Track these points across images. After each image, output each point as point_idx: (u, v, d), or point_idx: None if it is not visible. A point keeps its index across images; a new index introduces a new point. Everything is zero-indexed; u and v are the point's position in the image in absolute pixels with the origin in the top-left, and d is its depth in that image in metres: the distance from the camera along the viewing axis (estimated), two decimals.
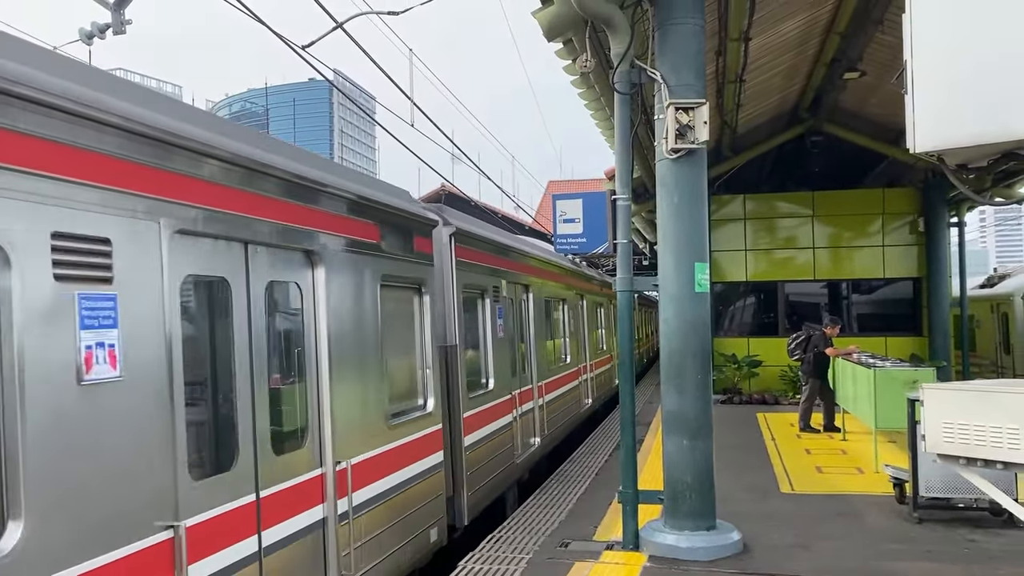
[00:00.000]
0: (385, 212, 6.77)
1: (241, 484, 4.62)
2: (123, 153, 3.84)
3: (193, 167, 4.31)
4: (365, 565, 5.95)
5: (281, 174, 5.13)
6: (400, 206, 7.15)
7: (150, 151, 4.00)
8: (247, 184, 4.78)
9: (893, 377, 10.54)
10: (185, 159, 4.25)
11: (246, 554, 4.59)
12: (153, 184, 4.02)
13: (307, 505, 5.30)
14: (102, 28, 9.56)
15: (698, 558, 7.12)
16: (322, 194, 5.68)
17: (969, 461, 4.66)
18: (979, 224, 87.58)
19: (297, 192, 5.33)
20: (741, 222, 20.06)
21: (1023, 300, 20.45)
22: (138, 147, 3.93)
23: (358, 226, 6.26)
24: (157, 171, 4.05)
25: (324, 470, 5.56)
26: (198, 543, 4.16)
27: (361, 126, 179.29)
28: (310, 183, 5.50)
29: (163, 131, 4.06)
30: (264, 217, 4.95)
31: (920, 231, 19.23)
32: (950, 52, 4.55)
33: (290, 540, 5.05)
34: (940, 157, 4.73)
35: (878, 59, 14.41)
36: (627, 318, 7.74)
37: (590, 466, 11.69)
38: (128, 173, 3.86)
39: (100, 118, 3.68)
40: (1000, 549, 7.34)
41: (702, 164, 7.50)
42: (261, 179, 4.92)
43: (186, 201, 4.24)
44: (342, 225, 5.99)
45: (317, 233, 5.57)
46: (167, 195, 4.10)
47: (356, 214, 6.24)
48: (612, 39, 7.65)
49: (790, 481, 10.37)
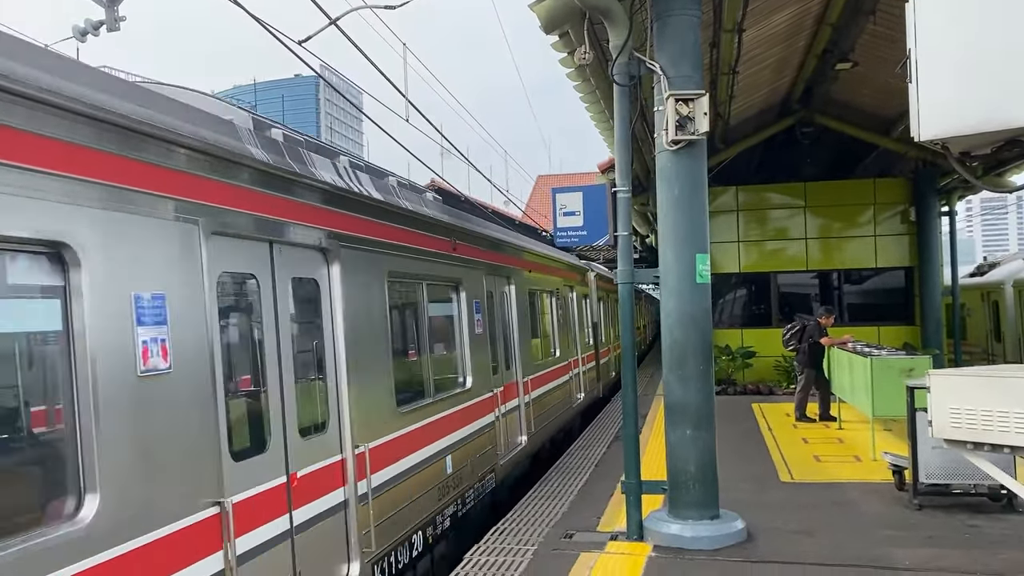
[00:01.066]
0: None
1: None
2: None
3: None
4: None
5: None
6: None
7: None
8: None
9: (890, 365, 10.62)
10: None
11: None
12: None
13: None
14: (96, 25, 9.52)
15: (703, 547, 7.16)
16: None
17: (976, 446, 4.71)
18: (966, 214, 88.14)
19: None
20: (733, 214, 20.14)
21: (1013, 288, 20.60)
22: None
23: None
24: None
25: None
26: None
27: (349, 122, 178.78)
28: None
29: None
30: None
31: (911, 220, 19.35)
32: (954, 40, 4.57)
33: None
34: (944, 145, 4.76)
35: (869, 50, 14.47)
36: (628, 309, 7.77)
37: (590, 457, 11.73)
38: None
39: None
40: (1000, 534, 7.42)
41: (702, 155, 7.53)
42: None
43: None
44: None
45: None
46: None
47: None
48: (610, 31, 7.66)
49: (789, 470, 10.43)
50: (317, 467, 5.58)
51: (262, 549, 4.81)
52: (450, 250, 8.90)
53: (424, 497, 7.48)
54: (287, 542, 5.10)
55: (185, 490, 4.20)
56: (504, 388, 10.54)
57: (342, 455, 5.92)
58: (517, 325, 11.52)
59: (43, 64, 3.65)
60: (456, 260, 9.06)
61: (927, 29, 4.60)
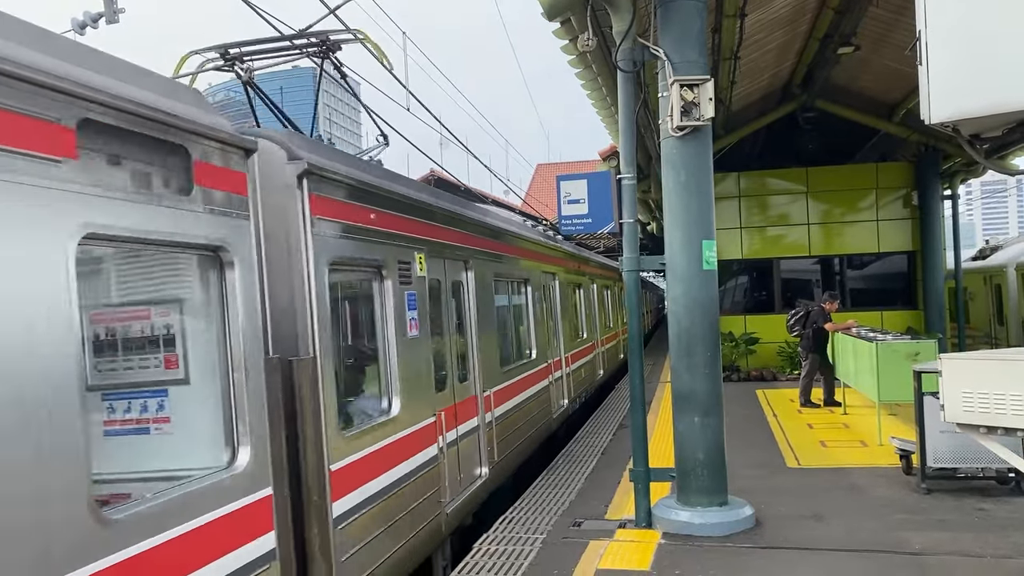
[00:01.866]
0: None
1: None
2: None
3: None
4: None
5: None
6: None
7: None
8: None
9: (895, 350, 10.60)
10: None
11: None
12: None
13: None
14: (95, 17, 9.47)
15: (712, 534, 7.17)
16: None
17: (989, 430, 4.69)
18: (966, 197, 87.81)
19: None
20: (735, 200, 20.09)
21: (1016, 272, 20.57)
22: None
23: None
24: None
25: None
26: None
27: (347, 113, 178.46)
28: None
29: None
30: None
31: (914, 204, 19.29)
32: (964, 21, 4.54)
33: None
34: (955, 127, 4.73)
35: (871, 34, 14.39)
36: (635, 297, 7.75)
37: (595, 445, 11.73)
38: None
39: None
40: (1009, 517, 7.42)
41: (708, 141, 7.50)
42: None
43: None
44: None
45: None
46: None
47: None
48: (613, 17, 7.61)
49: (796, 456, 10.43)
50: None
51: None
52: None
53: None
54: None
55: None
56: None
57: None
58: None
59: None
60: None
61: (937, 10, 4.55)
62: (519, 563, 6.75)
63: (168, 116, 3.96)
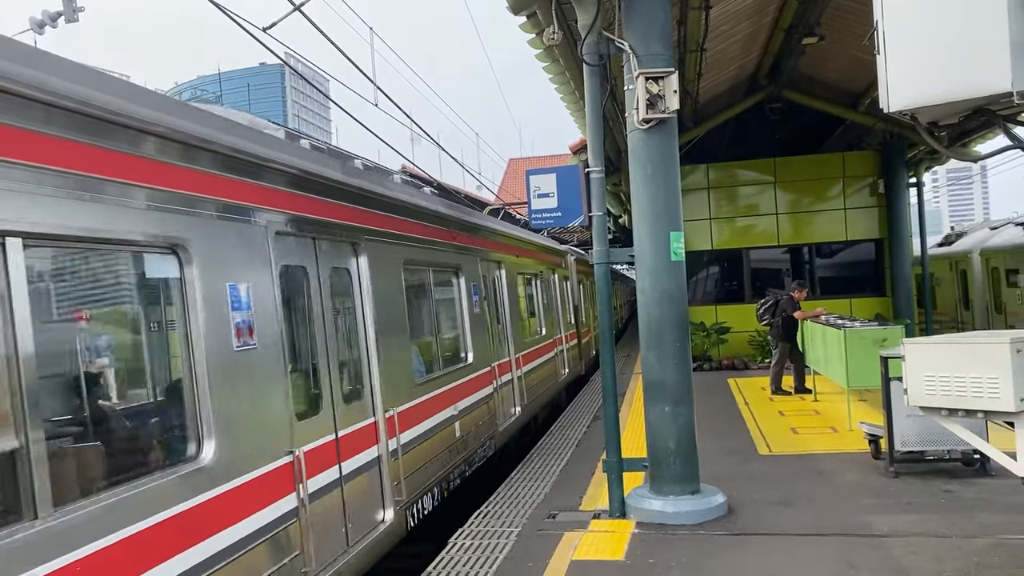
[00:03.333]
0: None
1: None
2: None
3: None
4: None
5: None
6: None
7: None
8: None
9: (863, 336, 10.76)
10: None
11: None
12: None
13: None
14: (53, 16, 9.33)
15: (685, 522, 7.24)
16: None
17: (951, 412, 4.79)
18: (932, 185, 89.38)
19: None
20: (705, 191, 20.23)
21: (981, 257, 20.91)
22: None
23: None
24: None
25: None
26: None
27: (316, 109, 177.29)
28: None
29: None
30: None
31: (880, 193, 19.55)
32: (920, 11, 4.61)
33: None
34: (913, 115, 4.81)
35: (836, 24, 14.54)
36: (605, 289, 7.79)
37: (569, 438, 11.78)
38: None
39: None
40: (975, 497, 7.56)
41: (673, 133, 7.54)
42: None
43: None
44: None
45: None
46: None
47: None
48: (578, 10, 7.63)
49: (767, 443, 10.55)
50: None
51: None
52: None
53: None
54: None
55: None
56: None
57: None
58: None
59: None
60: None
61: (894, 1, 4.62)
62: (494, 556, 6.78)
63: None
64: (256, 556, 4.89)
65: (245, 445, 4.93)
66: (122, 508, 3.91)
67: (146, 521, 4.03)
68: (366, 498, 6.61)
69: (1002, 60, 4.33)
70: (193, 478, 4.43)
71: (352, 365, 6.86)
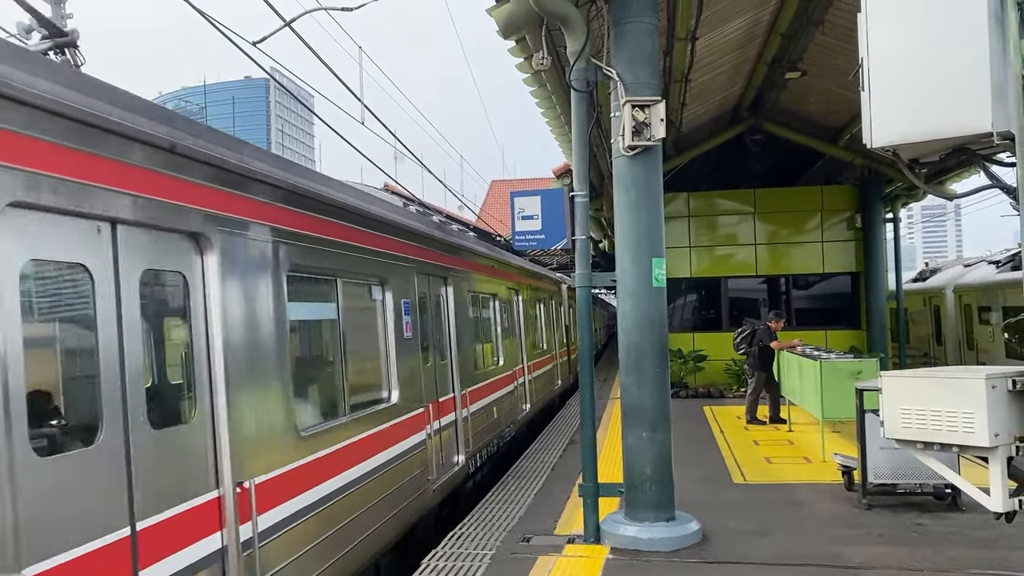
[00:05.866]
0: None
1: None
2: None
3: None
4: None
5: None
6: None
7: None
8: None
9: (838, 368, 10.85)
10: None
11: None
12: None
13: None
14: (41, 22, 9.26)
15: (659, 549, 7.23)
16: None
17: (926, 445, 4.83)
18: (907, 221, 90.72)
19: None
20: (685, 219, 20.40)
21: (954, 293, 21.19)
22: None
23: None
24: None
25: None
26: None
27: (299, 124, 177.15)
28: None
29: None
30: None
31: (857, 227, 19.81)
32: (905, 49, 4.70)
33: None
34: (895, 152, 4.89)
35: (818, 60, 14.78)
36: (586, 313, 7.82)
37: (545, 461, 11.76)
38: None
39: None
40: (945, 531, 7.62)
41: (658, 161, 7.62)
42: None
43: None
44: None
45: None
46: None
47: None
48: (568, 37, 7.71)
49: (742, 472, 10.59)
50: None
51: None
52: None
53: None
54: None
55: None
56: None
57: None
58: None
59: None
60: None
61: (879, 38, 4.72)
62: None
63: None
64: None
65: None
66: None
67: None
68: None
69: (983, 101, 4.42)
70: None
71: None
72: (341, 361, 7.08)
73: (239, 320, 5.21)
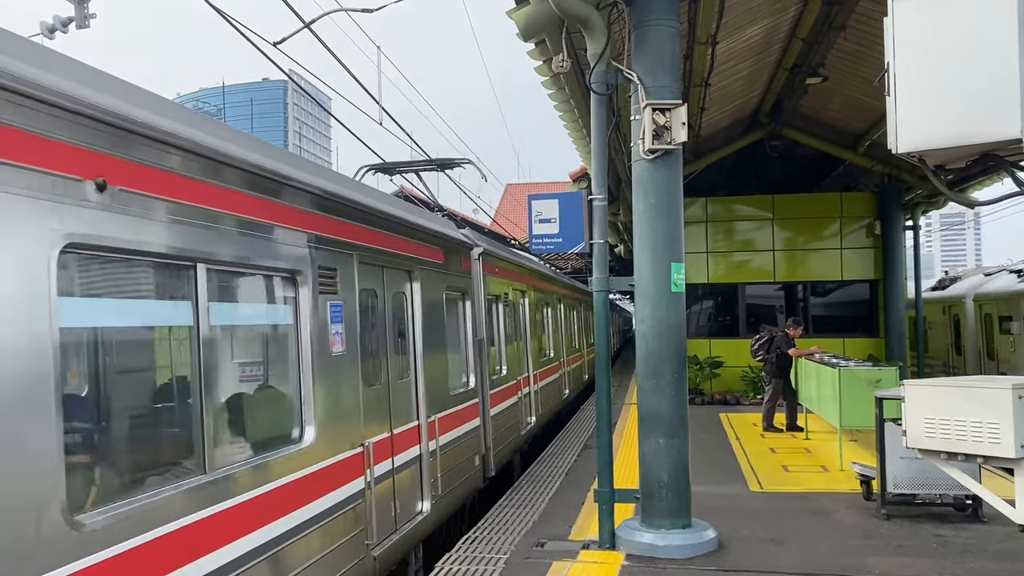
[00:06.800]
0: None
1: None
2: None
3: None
4: None
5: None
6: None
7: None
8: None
9: (857, 376, 10.74)
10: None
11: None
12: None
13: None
14: (65, 22, 9.34)
15: (675, 556, 7.16)
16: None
17: (950, 455, 4.76)
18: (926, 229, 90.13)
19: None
20: (702, 225, 20.29)
21: (974, 302, 20.98)
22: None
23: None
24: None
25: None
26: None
27: (316, 127, 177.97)
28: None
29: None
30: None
31: (876, 234, 19.63)
32: (932, 54, 4.64)
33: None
34: (921, 158, 4.82)
35: (838, 65, 14.68)
36: (603, 317, 7.77)
37: (559, 466, 11.70)
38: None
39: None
40: (966, 543, 7.51)
41: (678, 165, 7.57)
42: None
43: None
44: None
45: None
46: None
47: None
48: (588, 40, 7.67)
49: (758, 480, 10.49)
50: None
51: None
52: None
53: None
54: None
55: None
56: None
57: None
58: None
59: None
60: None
61: (906, 43, 4.65)
62: None
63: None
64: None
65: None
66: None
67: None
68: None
69: (1012, 107, 4.36)
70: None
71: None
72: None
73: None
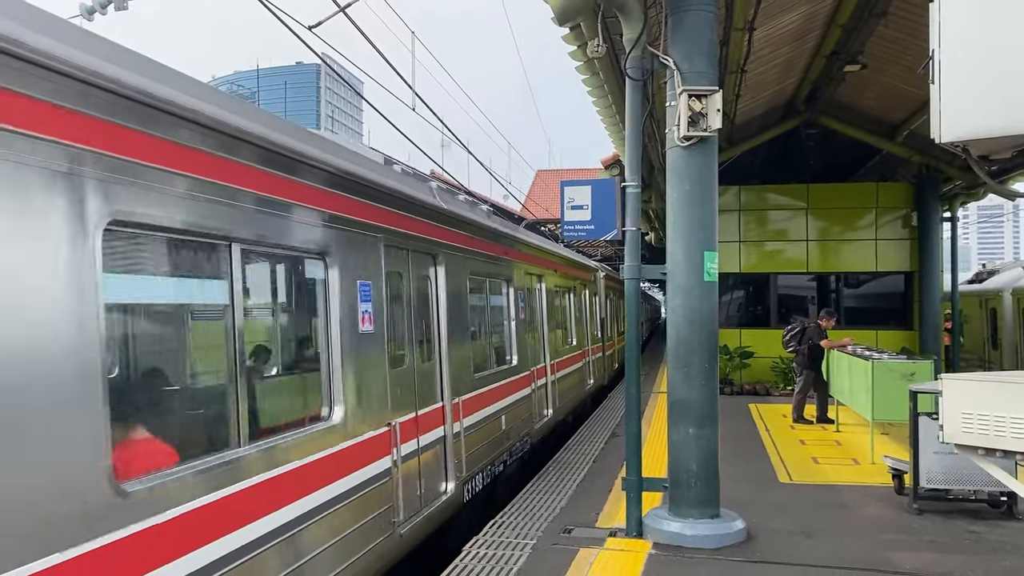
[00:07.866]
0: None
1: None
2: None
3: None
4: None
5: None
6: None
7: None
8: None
9: (891, 369, 10.61)
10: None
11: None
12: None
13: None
14: (104, 3, 9.43)
15: (703, 546, 7.13)
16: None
17: (988, 451, 4.68)
18: (963, 221, 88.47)
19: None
20: (735, 213, 20.08)
21: (1012, 296, 20.61)
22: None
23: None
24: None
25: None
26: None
27: (348, 111, 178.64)
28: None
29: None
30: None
31: (913, 225, 19.30)
32: (978, 41, 4.53)
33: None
34: (965, 147, 4.72)
35: (878, 53, 14.42)
36: (634, 305, 7.73)
37: (587, 453, 11.70)
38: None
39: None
40: (1000, 540, 7.40)
41: (713, 152, 7.49)
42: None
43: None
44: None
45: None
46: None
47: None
48: (624, 24, 7.60)
49: (788, 471, 10.41)
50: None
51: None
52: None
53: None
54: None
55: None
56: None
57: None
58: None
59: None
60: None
61: (952, 29, 4.54)
62: (508, 568, 6.71)
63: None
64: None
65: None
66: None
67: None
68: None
69: None
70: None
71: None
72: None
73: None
